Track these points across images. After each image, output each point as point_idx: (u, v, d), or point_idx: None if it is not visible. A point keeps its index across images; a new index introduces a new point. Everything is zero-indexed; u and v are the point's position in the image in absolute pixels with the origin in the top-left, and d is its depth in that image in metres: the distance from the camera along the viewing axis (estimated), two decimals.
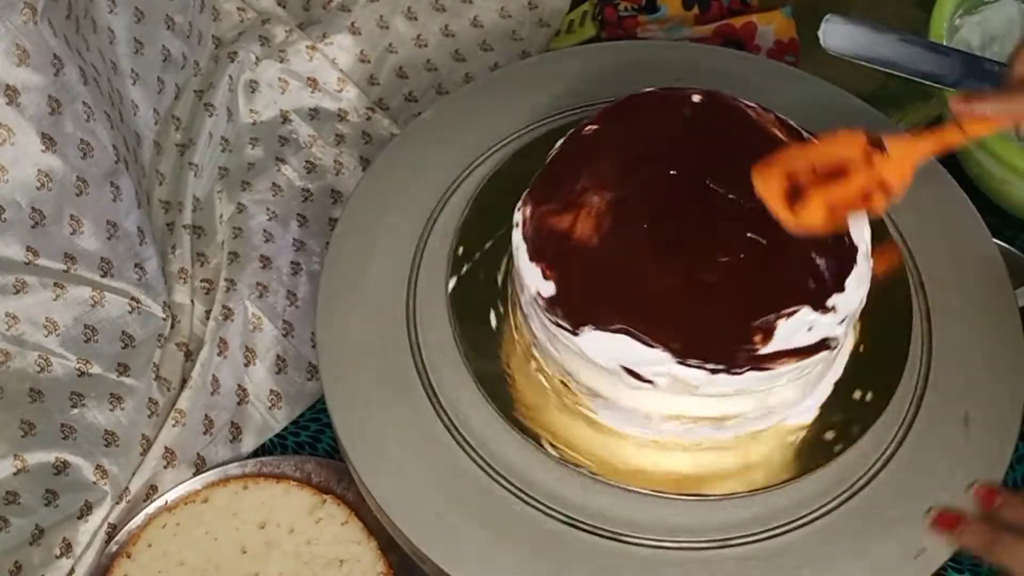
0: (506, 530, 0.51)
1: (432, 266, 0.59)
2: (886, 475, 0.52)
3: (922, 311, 0.57)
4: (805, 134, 0.54)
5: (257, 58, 0.77)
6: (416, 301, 0.58)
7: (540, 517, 0.51)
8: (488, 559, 0.50)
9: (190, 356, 0.66)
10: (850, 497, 0.52)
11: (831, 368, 0.54)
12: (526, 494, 0.52)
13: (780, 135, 0.53)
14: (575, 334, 0.48)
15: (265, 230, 0.71)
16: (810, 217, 0.48)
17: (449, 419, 0.54)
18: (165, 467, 0.62)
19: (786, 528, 0.51)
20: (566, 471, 0.52)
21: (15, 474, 0.60)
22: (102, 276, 0.65)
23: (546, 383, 0.54)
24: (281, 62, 0.77)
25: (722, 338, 0.48)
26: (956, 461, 0.53)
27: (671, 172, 0.53)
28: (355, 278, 0.59)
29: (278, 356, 0.67)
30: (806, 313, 0.48)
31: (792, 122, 0.54)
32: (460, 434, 0.54)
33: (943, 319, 0.57)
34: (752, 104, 0.55)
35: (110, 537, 0.60)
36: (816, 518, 0.51)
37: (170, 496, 0.62)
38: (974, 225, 0.61)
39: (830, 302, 0.49)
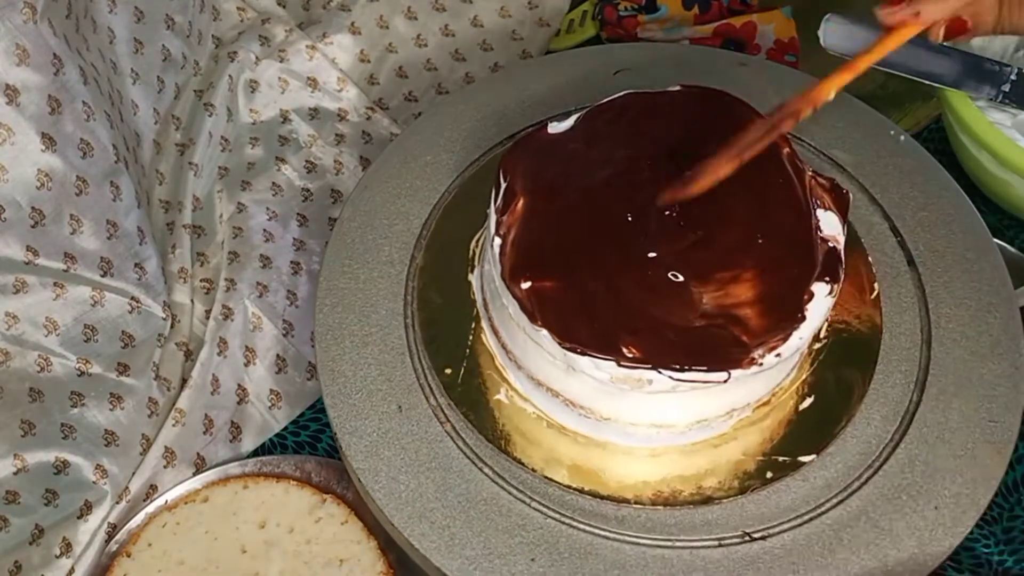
0: (504, 529, 0.51)
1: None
2: (883, 476, 0.52)
3: (921, 310, 0.57)
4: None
5: (257, 58, 0.77)
6: (415, 301, 0.58)
7: (537, 516, 0.51)
8: (486, 558, 0.50)
9: (190, 356, 0.66)
10: (846, 499, 0.51)
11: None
12: (524, 493, 0.52)
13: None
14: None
15: (265, 230, 0.71)
16: (712, 169, 0.49)
17: (447, 419, 0.54)
18: (165, 467, 0.62)
19: (791, 526, 0.51)
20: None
21: (15, 474, 0.60)
22: (102, 276, 0.65)
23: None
24: (281, 62, 0.77)
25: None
26: (955, 462, 0.52)
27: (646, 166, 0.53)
28: (354, 278, 0.59)
29: (278, 356, 0.67)
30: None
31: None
32: (458, 434, 0.54)
33: (942, 318, 0.57)
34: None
35: (110, 536, 0.60)
36: (812, 519, 0.51)
37: (170, 495, 0.62)
38: (974, 225, 0.60)
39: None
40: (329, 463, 0.63)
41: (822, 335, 0.55)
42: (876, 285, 0.57)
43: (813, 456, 0.52)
